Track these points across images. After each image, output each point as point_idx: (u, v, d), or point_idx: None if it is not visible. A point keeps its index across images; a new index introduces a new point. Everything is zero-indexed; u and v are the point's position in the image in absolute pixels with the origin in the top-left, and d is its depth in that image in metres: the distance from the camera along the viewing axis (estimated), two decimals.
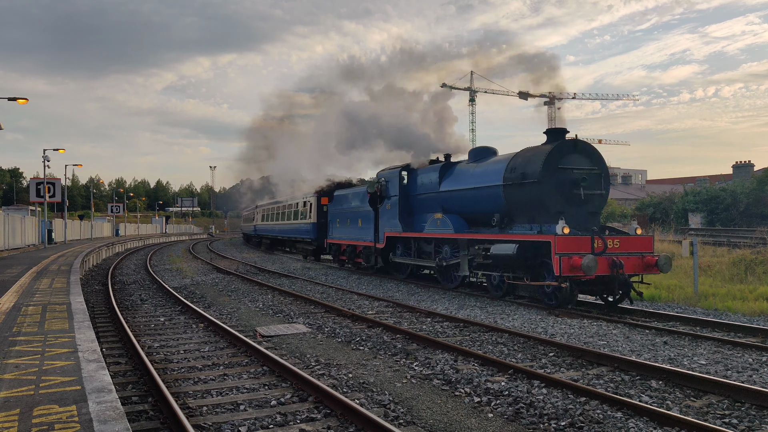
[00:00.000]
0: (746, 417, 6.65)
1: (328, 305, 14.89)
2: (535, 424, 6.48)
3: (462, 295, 16.95)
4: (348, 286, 20.02)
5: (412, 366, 9.00)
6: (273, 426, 6.41)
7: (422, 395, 7.57)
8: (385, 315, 13.86)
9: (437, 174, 19.00)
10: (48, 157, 39.33)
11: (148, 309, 15.03)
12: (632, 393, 7.58)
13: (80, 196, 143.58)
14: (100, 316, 13.75)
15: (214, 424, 6.43)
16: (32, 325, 9.01)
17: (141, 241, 61.87)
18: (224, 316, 13.89)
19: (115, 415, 4.78)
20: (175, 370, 8.83)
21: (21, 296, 12.43)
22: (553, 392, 7.53)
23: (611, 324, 12.16)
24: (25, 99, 26.69)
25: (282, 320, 13.38)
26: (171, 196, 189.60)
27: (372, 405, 7.13)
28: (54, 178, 40.42)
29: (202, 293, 18.46)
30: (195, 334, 11.64)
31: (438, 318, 13.27)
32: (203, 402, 7.20)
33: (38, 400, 5.20)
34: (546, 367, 8.95)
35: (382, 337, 11.18)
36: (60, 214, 67.96)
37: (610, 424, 6.39)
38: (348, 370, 8.85)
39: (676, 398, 7.37)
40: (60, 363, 6.55)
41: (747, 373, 8.38)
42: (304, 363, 9.30)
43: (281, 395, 7.47)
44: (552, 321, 12.64)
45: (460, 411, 6.97)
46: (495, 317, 13.25)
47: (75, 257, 25.50)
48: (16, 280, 15.94)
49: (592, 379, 8.24)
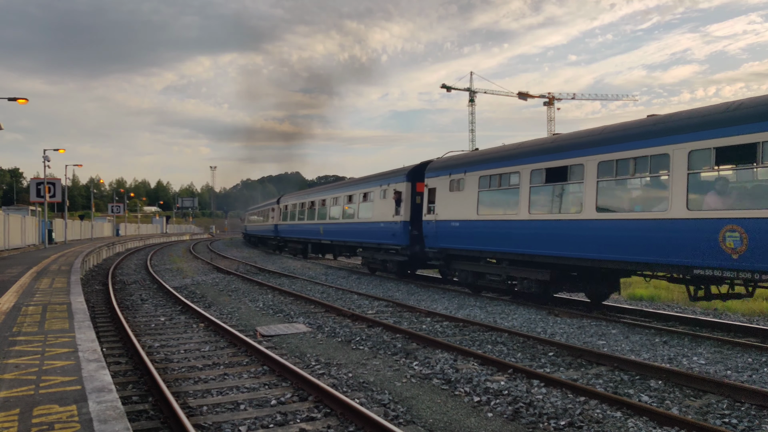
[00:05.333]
0: (746, 417, 6.65)
1: (328, 305, 14.89)
2: (535, 424, 6.48)
3: (462, 295, 16.96)
4: (348, 285, 20.02)
5: (411, 365, 9.01)
6: (273, 425, 6.42)
7: (422, 395, 7.58)
8: (385, 315, 13.86)
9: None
10: (48, 157, 39.36)
11: (148, 309, 15.03)
12: (632, 392, 7.59)
13: (80, 196, 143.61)
14: (101, 315, 13.76)
15: (215, 424, 6.44)
16: (32, 325, 9.02)
17: (141, 242, 61.87)
18: (224, 316, 13.90)
19: (116, 414, 4.79)
20: (176, 369, 8.84)
21: (21, 296, 12.43)
22: (553, 392, 7.53)
23: (611, 324, 12.16)
24: (25, 99, 26.71)
25: (282, 320, 13.38)
26: (171, 196, 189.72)
27: (372, 404, 7.14)
28: (54, 178, 40.42)
29: (203, 293, 18.46)
30: (195, 334, 11.64)
31: (438, 318, 13.28)
32: (203, 401, 7.21)
33: (38, 400, 5.20)
34: (545, 366, 8.96)
35: (382, 337, 11.19)
36: (60, 214, 67.95)
37: (610, 424, 6.40)
38: (348, 369, 8.85)
39: (676, 398, 7.37)
40: (60, 363, 6.56)
41: (747, 373, 8.39)
42: (304, 362, 9.31)
43: (281, 395, 7.48)
44: (552, 321, 12.64)
45: (460, 410, 6.98)
46: (494, 317, 13.26)
47: (75, 257, 25.50)
48: (16, 280, 15.94)
49: (592, 379, 8.25)
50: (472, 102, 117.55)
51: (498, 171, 15.53)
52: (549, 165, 13.69)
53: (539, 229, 13.79)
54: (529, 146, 14.85)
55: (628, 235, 11.55)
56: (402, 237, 20.39)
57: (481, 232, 16.04)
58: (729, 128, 9.87)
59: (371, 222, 23.03)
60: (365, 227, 23.71)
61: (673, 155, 10.75)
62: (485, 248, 15.96)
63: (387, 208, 21.44)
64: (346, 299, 16.56)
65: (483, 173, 16.12)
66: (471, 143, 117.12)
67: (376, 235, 22.48)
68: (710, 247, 9.99)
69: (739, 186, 10.55)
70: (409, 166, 21.11)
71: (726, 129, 9.92)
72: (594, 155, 12.44)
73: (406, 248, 20.42)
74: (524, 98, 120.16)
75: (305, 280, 22.02)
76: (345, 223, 26.42)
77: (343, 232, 26.64)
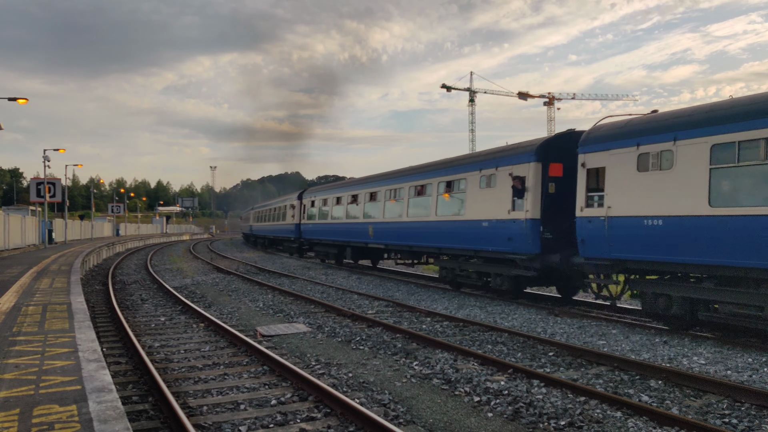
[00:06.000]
0: (746, 417, 6.65)
1: (328, 305, 14.89)
2: (535, 424, 6.48)
3: (462, 295, 16.96)
4: (348, 285, 20.02)
5: (411, 365, 9.01)
6: (273, 425, 6.42)
7: (422, 394, 7.58)
8: (385, 315, 13.86)
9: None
10: (48, 157, 39.39)
11: (148, 309, 15.03)
12: (632, 392, 7.59)
13: (80, 196, 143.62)
14: (101, 315, 13.76)
15: (215, 424, 6.44)
16: (32, 324, 9.02)
17: (141, 242, 61.87)
18: (224, 316, 13.90)
19: (116, 414, 4.79)
20: (176, 369, 8.84)
21: (21, 296, 12.43)
22: (553, 392, 7.53)
23: (611, 324, 12.16)
24: (25, 99, 26.71)
25: (282, 320, 13.38)
26: (171, 196, 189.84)
27: (372, 404, 7.14)
28: (54, 178, 40.43)
29: (203, 293, 18.46)
30: (195, 334, 11.65)
31: (438, 318, 13.28)
32: (203, 401, 7.21)
33: (38, 400, 5.20)
34: (545, 366, 8.96)
35: (382, 337, 11.19)
36: (60, 214, 67.96)
37: (610, 424, 6.40)
38: (348, 369, 8.85)
39: (676, 398, 7.37)
40: (60, 363, 6.56)
41: (747, 373, 8.39)
42: (304, 362, 9.31)
43: (281, 394, 7.48)
44: (552, 321, 12.64)
45: (460, 410, 6.98)
46: (495, 317, 13.26)
47: (75, 257, 25.50)
48: (16, 280, 15.94)
49: (592, 379, 8.25)
50: (472, 102, 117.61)
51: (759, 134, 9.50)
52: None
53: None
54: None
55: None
56: (527, 242, 14.10)
57: (720, 236, 9.94)
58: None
59: (463, 221, 16.73)
60: (451, 228, 17.39)
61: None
62: (722, 261, 9.92)
63: (495, 201, 15.30)
64: (346, 299, 16.56)
65: (722, 139, 10.03)
66: (471, 144, 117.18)
67: (473, 238, 16.24)
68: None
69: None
70: (537, 140, 14.91)
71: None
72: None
73: (535, 258, 14.03)
74: (524, 98, 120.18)
75: (305, 280, 22.02)
76: (412, 222, 19.90)
77: (407, 233, 20.29)
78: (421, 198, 19.64)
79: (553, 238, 13.92)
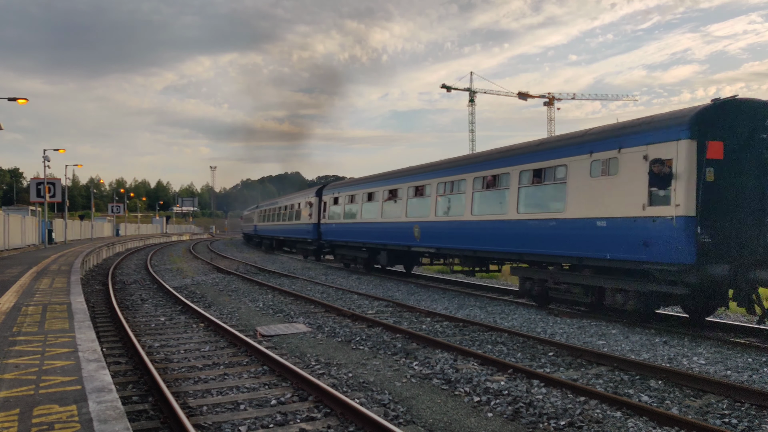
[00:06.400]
0: (746, 417, 6.65)
1: (328, 305, 14.89)
2: (535, 424, 6.48)
3: (462, 295, 16.96)
4: (348, 285, 20.02)
5: (411, 365, 9.01)
6: (273, 425, 6.42)
7: (422, 394, 7.58)
8: (384, 315, 13.86)
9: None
10: (48, 157, 39.39)
11: (148, 309, 15.03)
12: (632, 392, 7.59)
13: (80, 196, 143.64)
14: (101, 315, 13.76)
15: (215, 424, 6.44)
16: (32, 325, 9.02)
17: (141, 242, 61.87)
18: (224, 316, 13.90)
19: (116, 414, 4.79)
20: (176, 369, 8.84)
21: (21, 296, 12.43)
22: (553, 392, 7.53)
23: (611, 324, 12.15)
24: (25, 99, 26.71)
25: (282, 320, 13.38)
26: (171, 196, 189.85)
27: (372, 404, 7.14)
28: (54, 178, 40.43)
29: (203, 293, 18.46)
30: (195, 334, 11.64)
31: (438, 318, 13.28)
32: (203, 401, 7.21)
33: (38, 400, 5.20)
34: (545, 366, 8.96)
35: (382, 337, 11.19)
36: (60, 214, 67.95)
37: (610, 424, 6.40)
38: (348, 369, 8.86)
39: (676, 398, 7.37)
40: (60, 363, 6.56)
41: (747, 373, 8.39)
42: (304, 362, 9.31)
43: (281, 394, 7.48)
44: (551, 321, 12.64)
45: (460, 410, 6.98)
46: (494, 317, 13.26)
47: (75, 257, 25.51)
48: (16, 280, 15.94)
49: (592, 379, 8.25)
50: (472, 102, 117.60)
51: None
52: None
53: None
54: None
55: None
56: (676, 248, 10.54)
57: None
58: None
59: (562, 219, 13.10)
60: (541, 228, 13.75)
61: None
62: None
63: (618, 193, 11.73)
64: (346, 299, 16.56)
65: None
66: (471, 144, 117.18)
67: (579, 242, 12.65)
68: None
69: None
70: (689, 109, 11.17)
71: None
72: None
73: (688, 270, 10.48)
74: (524, 98, 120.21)
75: (305, 280, 22.02)
76: (478, 221, 16.27)
77: (470, 234, 16.62)
78: (491, 192, 15.96)
79: (713, 243, 10.41)
